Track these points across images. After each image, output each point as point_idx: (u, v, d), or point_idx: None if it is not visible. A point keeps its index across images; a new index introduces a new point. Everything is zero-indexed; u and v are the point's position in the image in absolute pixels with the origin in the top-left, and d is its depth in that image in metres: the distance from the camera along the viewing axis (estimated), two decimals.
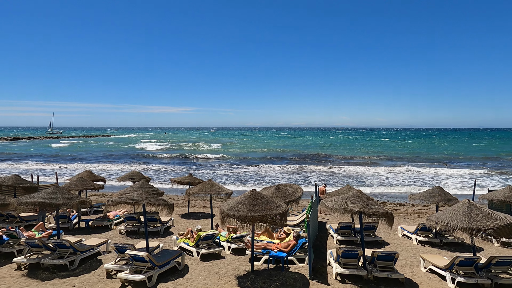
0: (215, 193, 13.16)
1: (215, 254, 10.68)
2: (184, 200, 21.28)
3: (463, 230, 8.39)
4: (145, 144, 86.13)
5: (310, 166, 42.77)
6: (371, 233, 12.78)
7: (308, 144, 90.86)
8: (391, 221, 8.69)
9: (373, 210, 8.47)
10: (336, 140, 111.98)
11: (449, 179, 33.23)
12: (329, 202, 9.11)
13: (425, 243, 12.44)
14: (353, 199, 8.88)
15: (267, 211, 7.99)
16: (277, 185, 12.96)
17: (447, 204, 12.60)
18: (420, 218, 17.15)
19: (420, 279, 8.91)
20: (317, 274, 9.10)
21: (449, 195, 13.08)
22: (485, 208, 8.86)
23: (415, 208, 20.29)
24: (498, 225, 8.21)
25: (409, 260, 10.50)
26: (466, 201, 9.02)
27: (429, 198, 13.10)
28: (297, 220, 14.31)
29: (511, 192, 13.65)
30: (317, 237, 13.19)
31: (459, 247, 12.03)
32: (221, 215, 8.40)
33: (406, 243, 12.51)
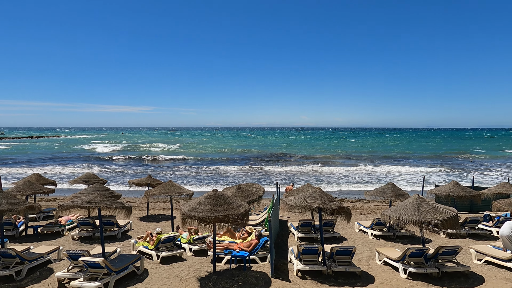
0: (175, 194, 12.88)
1: (176, 257, 10.46)
2: (143, 202, 20.63)
3: (413, 223, 8.94)
4: (97, 145, 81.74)
5: (271, 166, 43.29)
6: (330, 229, 13.20)
7: (269, 143, 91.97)
8: (349, 217, 9.04)
9: (331, 206, 8.76)
10: (296, 140, 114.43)
11: (401, 176, 35.25)
12: (289, 200, 9.28)
13: (380, 237, 13.08)
14: (312, 196, 9.13)
15: (229, 211, 7.97)
16: (238, 185, 12.97)
17: (399, 199, 13.36)
18: (375, 214, 18.01)
19: (375, 271, 9.35)
20: (278, 272, 9.23)
21: (401, 191, 13.88)
22: (432, 202, 9.50)
23: (370, 204, 21.27)
24: (444, 217, 8.84)
25: (366, 253, 10.98)
26: (416, 196, 9.61)
27: (383, 194, 13.81)
28: (259, 219, 14.42)
29: (455, 187, 14.79)
30: (279, 235, 13.39)
31: (410, 240, 12.78)
32: (181, 217, 8.24)
33: (363, 238, 13.07)
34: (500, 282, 8.67)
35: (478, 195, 14.45)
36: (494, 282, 8.67)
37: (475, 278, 8.93)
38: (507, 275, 9.10)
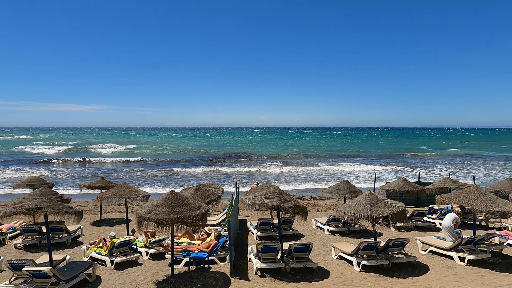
0: (130, 197, 12.40)
1: (132, 261, 10.07)
2: (96, 206, 19.63)
3: (366, 218, 9.40)
4: (43, 146, 75.78)
5: (230, 166, 43.22)
6: (288, 227, 13.45)
7: (228, 143, 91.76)
8: (305, 215, 9.28)
9: (288, 204, 8.94)
10: (255, 139, 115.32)
11: (354, 173, 36.87)
12: (248, 199, 9.32)
13: (336, 233, 13.58)
14: (270, 195, 9.25)
15: (187, 212, 7.82)
16: (197, 186, 12.79)
17: (353, 196, 13.97)
18: (331, 210, 18.66)
19: (331, 266, 9.69)
20: (238, 271, 9.23)
21: (355, 188, 14.51)
22: (383, 198, 10.05)
23: (326, 201, 22.00)
24: (393, 211, 9.39)
25: (322, 249, 11.34)
26: (368, 192, 10.11)
27: (338, 191, 14.36)
28: (218, 220, 14.33)
29: (403, 182, 15.75)
30: (238, 235, 13.40)
31: (363, 234, 13.42)
32: (137, 220, 7.95)
33: (319, 234, 13.49)
34: (442, 269, 9.38)
35: (423, 190, 15.52)
36: (437, 270, 9.37)
37: (421, 267, 9.58)
38: (448, 263, 9.87)
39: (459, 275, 8.94)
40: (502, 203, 10.12)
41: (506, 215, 9.79)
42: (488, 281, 8.57)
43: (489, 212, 9.97)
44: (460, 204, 10.73)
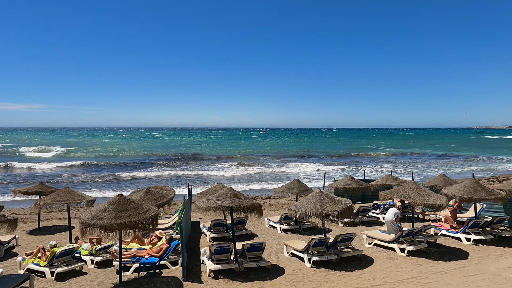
0: (73, 202, 11.59)
1: (75, 271, 9.42)
2: (34, 213, 18.07)
3: (316, 215, 9.75)
4: None
5: (181, 167, 42.31)
6: (241, 227, 13.49)
7: (180, 144, 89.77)
8: (260, 211, 9.36)
9: (242, 203, 8.97)
10: (208, 140, 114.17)
11: (305, 172, 38.03)
12: (201, 203, 9.19)
13: (288, 231, 13.89)
14: (223, 196, 9.20)
15: (135, 216, 7.50)
16: (147, 188, 12.33)
17: (304, 194, 14.39)
18: (283, 209, 19.05)
19: (284, 263, 9.88)
20: (190, 274, 9.06)
21: (306, 186, 14.96)
22: (332, 195, 10.48)
23: (279, 200, 22.43)
24: (341, 208, 9.84)
25: (275, 247, 11.53)
26: (318, 191, 10.48)
27: (290, 190, 14.70)
28: (169, 223, 13.94)
29: (350, 180, 16.56)
30: (191, 237, 13.16)
31: (314, 231, 13.88)
32: (81, 226, 7.45)
33: (272, 233, 13.70)
34: (385, 261, 10.01)
35: (368, 186, 16.45)
36: (381, 261, 9.98)
37: (367, 260, 10.13)
38: (390, 255, 10.55)
39: (400, 265, 9.60)
40: (436, 197, 11.06)
41: (439, 208, 10.72)
42: (425, 269, 9.30)
43: (425, 205, 10.85)
44: (401, 199, 11.55)
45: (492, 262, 9.77)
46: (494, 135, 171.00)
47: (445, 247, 11.25)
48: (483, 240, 11.69)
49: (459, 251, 10.82)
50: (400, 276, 8.85)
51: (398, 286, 8.20)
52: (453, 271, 9.14)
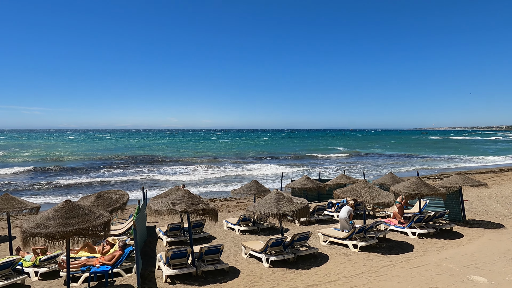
0: (14, 210, 10.66)
1: (17, 285, 8.68)
2: None
3: (274, 216, 9.88)
4: None
5: (136, 170, 40.78)
6: (199, 230, 13.29)
7: (134, 146, 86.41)
8: (215, 217, 9.28)
9: (197, 208, 8.83)
10: (164, 142, 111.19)
11: (263, 173, 38.40)
12: (155, 205, 8.91)
13: (246, 232, 13.92)
14: (178, 200, 9.00)
15: (85, 223, 7.07)
16: (98, 193, 11.72)
17: (262, 195, 14.52)
18: (241, 210, 19.07)
19: (242, 265, 9.89)
20: (145, 281, 8.75)
21: (263, 187, 15.11)
22: (289, 195, 10.69)
23: (237, 201, 22.42)
24: (298, 208, 10.06)
25: (233, 249, 11.50)
26: (275, 191, 10.63)
27: (248, 191, 14.76)
28: (123, 228, 13.35)
29: (306, 180, 16.99)
30: (146, 243, 12.71)
31: (272, 231, 14.05)
32: (22, 236, 6.87)
33: (231, 235, 13.66)
34: (340, 257, 10.41)
35: (323, 186, 17.00)
36: (336, 258, 10.35)
37: (322, 257, 10.46)
38: (344, 251, 10.99)
39: (353, 261, 10.03)
40: (385, 194, 11.72)
41: (388, 205, 11.37)
42: (375, 263, 9.80)
43: (375, 203, 11.45)
44: (353, 197, 12.08)
45: (434, 253, 10.54)
46: (437, 136, 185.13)
47: (393, 242, 11.94)
48: (426, 234, 12.58)
49: (406, 245, 11.55)
50: (353, 271, 9.24)
51: (351, 281, 8.55)
52: (401, 263, 9.72)
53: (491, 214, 15.57)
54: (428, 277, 8.61)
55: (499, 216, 15.22)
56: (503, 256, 9.98)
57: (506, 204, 17.85)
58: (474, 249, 10.77)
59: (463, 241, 11.77)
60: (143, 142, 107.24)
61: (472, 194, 21.00)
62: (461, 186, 13.80)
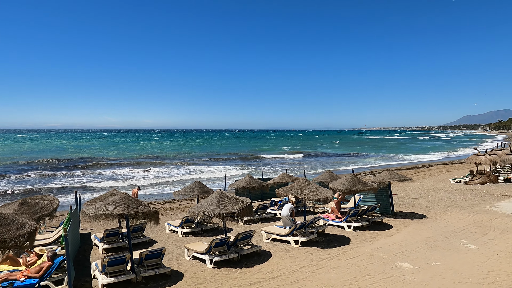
0: None
1: None
2: None
3: (217, 216, 9.84)
4: None
5: (68, 172, 37.74)
6: (139, 234, 12.72)
7: (65, 148, 79.83)
8: (156, 219, 8.96)
9: (136, 210, 8.45)
10: (101, 143, 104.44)
11: (206, 174, 38.02)
12: (90, 210, 8.33)
13: (189, 234, 13.66)
14: (116, 203, 8.52)
15: (5, 234, 6.35)
16: (22, 199, 10.61)
17: (205, 196, 14.34)
18: (185, 212, 18.66)
19: (185, 268, 9.69)
20: None
21: (207, 188, 14.95)
22: (232, 195, 10.72)
23: (180, 203, 21.90)
24: (241, 207, 10.14)
25: (176, 252, 11.21)
26: (218, 191, 10.59)
27: (191, 192, 14.50)
28: (53, 237, 12.27)
29: (249, 180, 17.18)
30: (80, 251, 11.84)
31: (216, 231, 13.97)
32: None
33: (173, 237, 13.29)
34: (282, 253, 10.70)
35: (266, 185, 17.34)
36: (278, 254, 10.63)
37: (265, 254, 10.67)
38: (286, 247, 11.33)
39: (295, 256, 10.39)
40: (324, 191, 12.32)
41: (326, 201, 11.98)
42: (315, 257, 10.26)
43: (315, 199, 11.99)
44: (294, 195, 12.50)
45: (367, 244, 11.35)
46: (375, 136, 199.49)
47: (331, 236, 12.61)
48: (361, 227, 13.48)
49: (343, 238, 12.26)
50: (294, 266, 9.56)
51: (292, 276, 8.85)
52: (338, 256, 10.30)
53: (415, 206, 17.20)
54: (362, 267, 9.24)
55: (422, 207, 16.87)
56: (425, 243, 11.08)
57: (428, 196, 19.86)
58: (401, 239, 11.80)
59: (392, 232, 12.83)
60: (75, 144, 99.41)
61: (400, 188, 23.01)
62: (390, 182, 15.02)
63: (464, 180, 25.85)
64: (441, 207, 16.72)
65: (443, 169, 37.41)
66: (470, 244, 10.82)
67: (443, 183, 25.78)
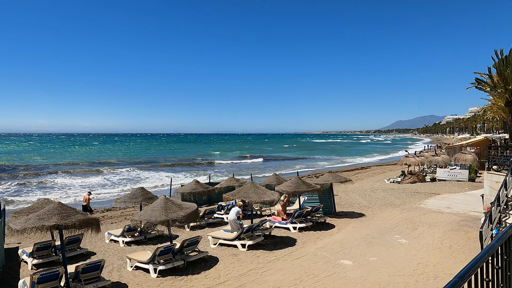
0: None
1: None
2: None
3: (162, 223, 9.50)
4: None
5: None
6: (75, 246, 11.80)
7: None
8: (96, 228, 8.40)
9: (72, 220, 7.83)
10: (30, 148, 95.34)
11: (151, 180, 36.62)
12: (17, 224, 7.53)
13: (132, 243, 12.99)
14: (49, 213, 7.82)
15: None
16: None
17: (149, 202, 13.77)
18: (127, 220, 17.72)
19: (127, 279, 9.19)
20: None
21: (150, 194, 14.38)
22: (178, 201, 10.44)
23: (122, 211, 20.78)
24: (187, 213, 9.91)
25: (117, 263, 10.59)
26: (163, 197, 10.24)
27: (133, 199, 13.84)
28: None
29: (196, 184, 16.87)
30: (5, 269, 10.64)
31: (161, 239, 13.47)
32: None
33: (114, 248, 12.55)
34: (229, 258, 10.65)
35: (213, 189, 17.15)
36: (225, 259, 10.56)
37: (212, 260, 10.53)
38: (233, 252, 11.30)
39: (242, 260, 10.40)
40: (270, 193, 12.54)
41: (273, 203, 12.20)
42: (262, 259, 10.37)
43: (261, 202, 12.14)
44: (241, 198, 12.55)
45: (312, 244, 11.76)
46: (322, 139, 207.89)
47: (278, 237, 12.85)
48: (305, 227, 13.94)
49: (288, 239, 12.57)
50: (241, 270, 9.57)
51: (239, 280, 8.84)
52: (284, 257, 10.53)
53: (355, 205, 18.25)
54: (307, 266, 9.55)
55: (361, 206, 17.95)
56: (364, 240, 11.79)
57: (366, 196, 21.19)
58: (342, 237, 12.43)
59: (334, 231, 13.46)
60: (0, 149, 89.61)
61: (341, 189, 24.24)
62: (332, 183, 15.77)
63: (397, 180, 28.05)
64: (377, 205, 17.94)
65: (379, 170, 40.26)
66: (403, 239, 11.74)
67: (379, 183, 27.72)
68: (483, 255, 2.60)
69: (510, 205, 11.51)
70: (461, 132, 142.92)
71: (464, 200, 18.58)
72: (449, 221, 13.92)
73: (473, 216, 14.68)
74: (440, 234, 12.12)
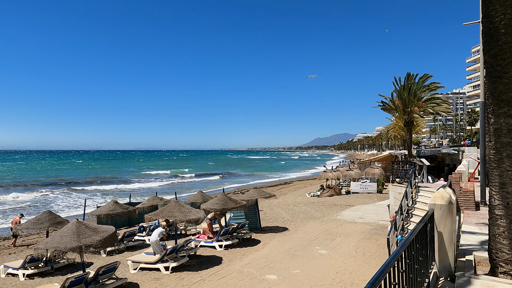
0: None
1: None
2: None
3: (73, 250, 8.52)
4: None
5: None
6: None
7: None
8: None
9: None
10: None
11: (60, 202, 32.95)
12: None
13: (36, 275, 11.38)
14: None
15: None
16: None
17: (58, 227, 12.31)
18: (30, 249, 15.54)
19: None
20: None
21: (60, 218, 12.91)
22: (92, 224, 9.52)
23: (23, 239, 18.20)
24: (103, 237, 9.07)
25: None
26: (75, 221, 9.24)
27: (39, 224, 12.25)
28: None
29: (114, 205, 15.69)
30: None
31: (72, 268, 12.06)
32: None
33: (12, 283, 10.85)
34: (151, 283, 10.00)
35: (134, 210, 16.12)
36: (147, 284, 9.89)
37: (132, 286, 9.77)
38: (156, 275, 10.65)
39: (165, 284, 9.85)
40: (196, 211, 12.24)
41: (198, 221, 11.91)
42: (187, 282, 9.96)
43: (186, 221, 11.76)
44: (165, 217, 12.00)
45: (238, 261, 11.71)
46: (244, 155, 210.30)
47: (203, 257, 12.52)
48: (231, 245, 13.85)
49: (214, 258, 12.33)
50: None
51: None
52: (210, 277, 10.27)
53: (279, 220, 18.81)
54: (233, 284, 9.44)
55: (285, 220, 18.58)
56: (288, 254, 12.16)
57: (289, 210, 22.03)
58: (267, 252, 12.65)
59: (259, 246, 13.63)
60: None
61: (266, 205, 24.83)
62: (257, 199, 16.07)
63: (316, 194, 29.82)
64: (299, 219, 18.76)
65: (301, 185, 42.38)
66: (323, 250, 12.42)
67: (301, 197, 29.14)
68: (390, 261, 2.89)
69: (411, 213, 13.07)
70: (370, 148, 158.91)
71: (374, 210, 20.53)
72: (362, 230, 15.19)
73: (382, 225, 16.27)
74: (355, 243, 13.13)
